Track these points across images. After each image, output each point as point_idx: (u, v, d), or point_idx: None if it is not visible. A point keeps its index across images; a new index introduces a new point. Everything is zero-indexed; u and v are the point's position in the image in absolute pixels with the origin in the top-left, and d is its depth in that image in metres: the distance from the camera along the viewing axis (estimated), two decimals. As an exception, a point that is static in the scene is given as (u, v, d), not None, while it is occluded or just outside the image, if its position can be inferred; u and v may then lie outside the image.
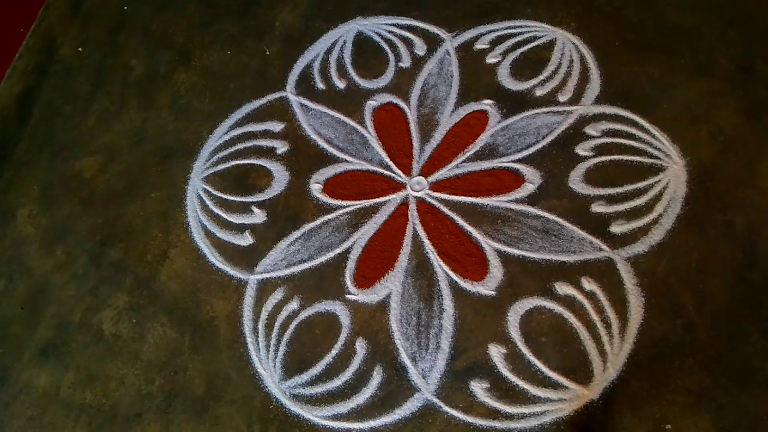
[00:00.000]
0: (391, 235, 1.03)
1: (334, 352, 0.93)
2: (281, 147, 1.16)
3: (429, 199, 1.05)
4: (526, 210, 1.00)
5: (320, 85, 1.23)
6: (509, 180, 1.04)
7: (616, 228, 0.95)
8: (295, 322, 0.97)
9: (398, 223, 1.04)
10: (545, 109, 1.10)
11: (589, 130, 1.06)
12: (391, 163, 1.10)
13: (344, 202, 1.08)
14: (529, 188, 1.02)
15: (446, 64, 1.19)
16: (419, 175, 1.08)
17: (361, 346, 0.93)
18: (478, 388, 0.87)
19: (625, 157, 1.01)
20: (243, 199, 1.12)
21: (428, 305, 0.95)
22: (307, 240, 1.05)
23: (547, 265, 0.95)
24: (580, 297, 0.91)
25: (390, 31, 1.27)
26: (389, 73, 1.21)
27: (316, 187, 1.10)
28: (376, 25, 1.29)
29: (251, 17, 1.36)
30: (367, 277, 0.99)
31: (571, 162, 1.03)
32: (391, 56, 1.23)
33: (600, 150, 1.03)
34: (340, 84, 1.22)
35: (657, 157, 1.00)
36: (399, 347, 0.92)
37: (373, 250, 1.02)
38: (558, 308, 0.90)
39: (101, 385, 0.98)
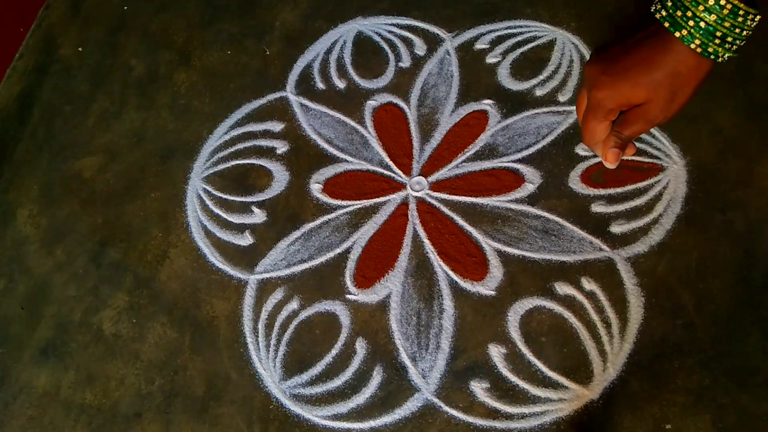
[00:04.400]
0: (391, 235, 1.03)
1: (334, 352, 0.93)
2: (281, 147, 1.16)
3: (429, 199, 1.05)
4: (526, 210, 1.00)
5: (320, 85, 1.23)
6: (509, 180, 1.04)
7: (616, 228, 0.95)
8: (295, 322, 0.97)
9: (398, 223, 1.04)
10: (545, 109, 1.10)
11: (589, 130, 1.05)
12: (391, 163, 1.10)
13: (344, 202, 1.08)
14: (529, 188, 1.02)
15: (446, 64, 1.19)
16: (419, 175, 1.08)
17: (361, 346, 0.93)
18: (478, 388, 0.87)
19: (624, 157, 1.01)
20: (243, 199, 1.12)
21: (428, 305, 0.95)
22: (307, 240, 1.05)
23: (547, 265, 0.95)
24: (580, 297, 0.91)
25: (390, 31, 1.27)
26: (389, 73, 1.21)
27: (316, 187, 1.10)
28: (376, 25, 1.29)
29: (251, 17, 1.36)
30: (367, 277, 0.99)
31: (571, 162, 1.03)
32: (391, 56, 1.23)
33: (600, 150, 1.03)
34: (340, 84, 1.22)
35: (657, 157, 1.00)
36: (399, 347, 0.92)
37: (373, 250, 1.02)
38: (558, 308, 0.90)
39: (101, 385, 0.98)
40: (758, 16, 0.41)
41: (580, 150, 1.04)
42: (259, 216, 1.09)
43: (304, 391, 0.91)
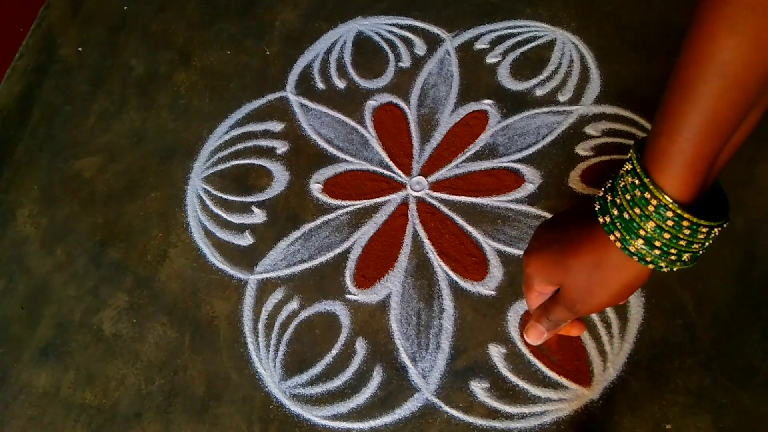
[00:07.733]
0: (391, 235, 1.03)
1: (334, 352, 0.93)
2: (281, 147, 1.16)
3: (429, 199, 1.05)
4: (526, 210, 1.00)
5: (320, 85, 1.23)
6: (509, 180, 1.04)
7: (616, 228, 0.95)
8: (295, 322, 0.97)
9: (398, 223, 1.04)
10: (545, 109, 1.10)
11: (589, 129, 1.06)
12: (391, 163, 1.10)
13: (344, 202, 1.08)
14: (529, 188, 1.02)
15: (446, 64, 1.19)
16: (419, 175, 1.08)
17: (361, 346, 0.93)
18: (478, 388, 0.87)
19: (625, 157, 1.01)
20: (243, 199, 1.12)
21: (428, 305, 0.95)
22: (307, 240, 1.05)
23: (547, 265, 0.94)
24: (580, 297, 0.91)
25: (390, 31, 1.27)
26: (389, 73, 1.21)
27: (316, 187, 1.10)
28: (376, 25, 1.29)
29: (251, 17, 1.36)
30: (367, 277, 0.99)
31: (571, 162, 1.03)
32: (391, 56, 1.23)
33: (600, 150, 1.03)
34: (340, 84, 1.22)
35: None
36: (399, 347, 0.92)
37: (373, 250, 1.02)
38: (558, 308, 0.90)
39: (101, 385, 0.98)
40: (716, 228, 0.33)
41: (580, 150, 1.04)
42: (259, 216, 1.09)
43: (304, 391, 0.91)
